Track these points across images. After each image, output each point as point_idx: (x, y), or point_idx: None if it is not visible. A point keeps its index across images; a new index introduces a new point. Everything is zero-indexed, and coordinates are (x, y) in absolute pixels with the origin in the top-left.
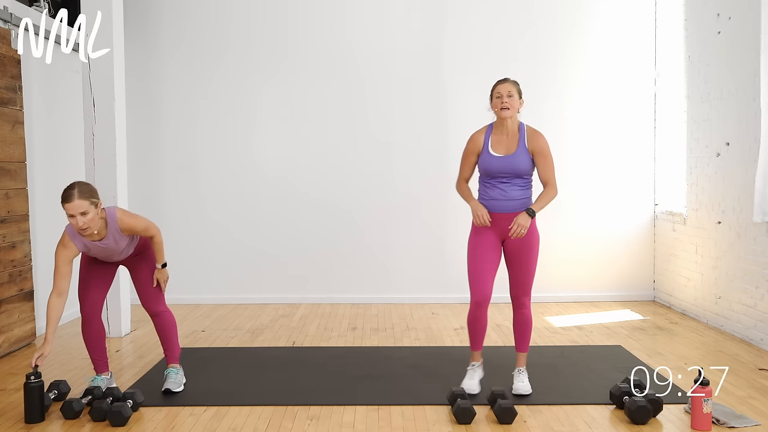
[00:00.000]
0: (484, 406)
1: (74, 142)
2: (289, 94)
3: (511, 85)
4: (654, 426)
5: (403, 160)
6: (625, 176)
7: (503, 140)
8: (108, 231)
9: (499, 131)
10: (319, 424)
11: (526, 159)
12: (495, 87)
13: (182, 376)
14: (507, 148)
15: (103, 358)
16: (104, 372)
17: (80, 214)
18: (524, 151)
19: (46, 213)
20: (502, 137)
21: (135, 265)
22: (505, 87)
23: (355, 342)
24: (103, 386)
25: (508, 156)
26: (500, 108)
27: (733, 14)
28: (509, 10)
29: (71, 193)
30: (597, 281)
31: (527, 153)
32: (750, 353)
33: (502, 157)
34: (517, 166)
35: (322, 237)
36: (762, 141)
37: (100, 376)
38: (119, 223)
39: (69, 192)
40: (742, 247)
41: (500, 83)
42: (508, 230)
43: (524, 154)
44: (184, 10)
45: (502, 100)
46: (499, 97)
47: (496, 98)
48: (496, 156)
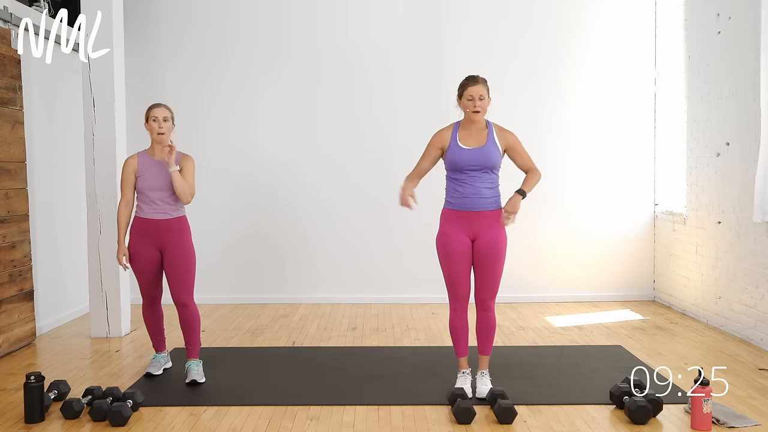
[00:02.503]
0: (484, 406)
1: (74, 142)
2: (290, 94)
3: (482, 87)
4: (654, 426)
5: (404, 160)
6: (625, 176)
7: (472, 135)
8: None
9: (467, 128)
10: (319, 424)
11: (496, 151)
12: (466, 88)
13: (202, 368)
14: (477, 141)
15: (161, 338)
16: (162, 351)
17: (163, 119)
18: (494, 143)
19: (46, 213)
20: (470, 132)
21: (172, 253)
22: (477, 90)
23: (355, 342)
24: (162, 363)
25: (477, 148)
26: (472, 111)
27: (733, 14)
28: (510, 10)
29: (159, 102)
30: (597, 281)
31: (497, 146)
32: (750, 353)
33: (471, 149)
34: (488, 157)
35: (323, 237)
36: (762, 141)
37: (159, 354)
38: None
39: (158, 102)
40: (742, 247)
41: (472, 85)
42: (478, 230)
43: (494, 147)
44: (184, 11)
45: (474, 104)
46: (471, 100)
47: (468, 100)
48: (465, 149)
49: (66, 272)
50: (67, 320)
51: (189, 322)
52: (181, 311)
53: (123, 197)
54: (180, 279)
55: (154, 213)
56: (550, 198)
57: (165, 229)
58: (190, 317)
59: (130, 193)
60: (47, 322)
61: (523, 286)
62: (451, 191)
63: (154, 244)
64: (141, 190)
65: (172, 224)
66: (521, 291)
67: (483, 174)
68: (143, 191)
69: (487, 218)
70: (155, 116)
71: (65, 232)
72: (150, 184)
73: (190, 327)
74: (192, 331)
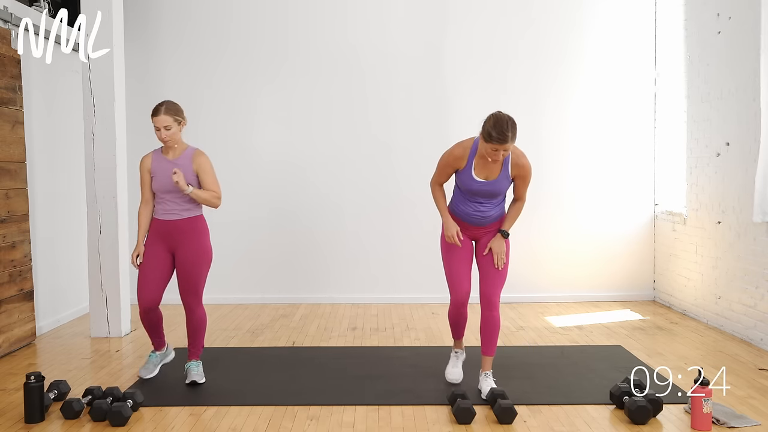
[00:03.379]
0: (484, 406)
1: (74, 142)
2: (290, 95)
3: (509, 145)
4: (654, 426)
5: (404, 160)
6: (625, 176)
7: (488, 165)
8: (184, 153)
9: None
10: (319, 424)
11: (507, 184)
12: (492, 142)
13: (202, 369)
14: (489, 173)
15: (159, 337)
16: (160, 349)
17: (164, 127)
18: (506, 177)
19: (46, 213)
20: (486, 162)
21: (182, 254)
22: (504, 146)
23: (355, 342)
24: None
25: (489, 181)
26: (491, 159)
27: (733, 14)
28: (510, 11)
29: (159, 108)
30: (597, 281)
31: (509, 179)
32: (750, 353)
33: (483, 182)
34: (497, 190)
35: (323, 237)
36: (762, 141)
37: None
38: (195, 151)
39: (158, 107)
40: (742, 247)
41: (499, 143)
42: (481, 235)
43: (506, 180)
44: (184, 10)
45: (496, 156)
46: (495, 151)
47: (492, 151)
48: (477, 180)
49: (66, 272)
50: (67, 320)
51: (194, 324)
52: (190, 315)
53: (142, 197)
54: (187, 281)
55: (165, 213)
56: (550, 198)
57: (177, 230)
58: (197, 320)
59: (148, 192)
60: (47, 322)
61: (523, 286)
62: (458, 204)
63: (167, 245)
64: (154, 191)
65: (184, 225)
66: (521, 291)
67: (491, 200)
68: (156, 192)
69: (490, 229)
70: (156, 126)
71: (65, 232)
72: (160, 185)
73: (194, 329)
74: (196, 333)
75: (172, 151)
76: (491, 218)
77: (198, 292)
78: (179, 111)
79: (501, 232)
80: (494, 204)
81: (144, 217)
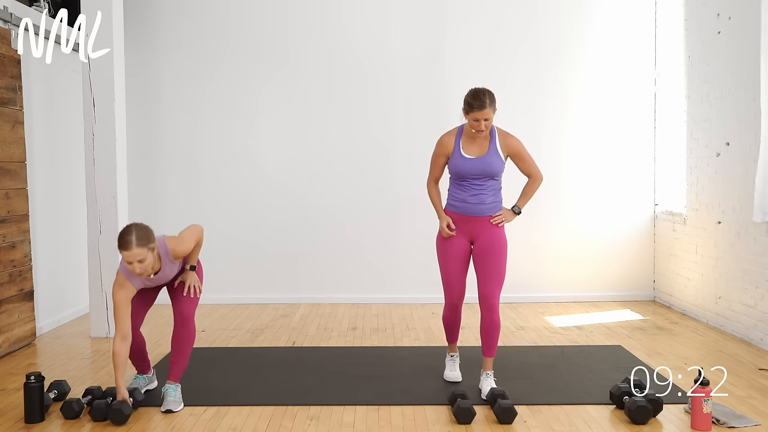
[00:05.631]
0: (484, 406)
1: (74, 142)
2: (290, 94)
3: (489, 111)
4: (654, 426)
5: (404, 160)
6: (625, 176)
7: (475, 142)
8: (162, 263)
9: (470, 135)
10: (319, 424)
11: (498, 160)
12: (472, 110)
13: (180, 394)
14: (479, 149)
15: (145, 362)
16: (147, 372)
17: (138, 261)
18: (496, 152)
19: (46, 213)
20: (473, 140)
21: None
22: (483, 114)
23: (355, 342)
24: (143, 385)
25: (480, 157)
26: (476, 130)
27: (733, 14)
28: (509, 11)
29: (129, 240)
30: (597, 281)
31: (499, 154)
32: (750, 353)
33: (474, 158)
34: (490, 166)
35: (323, 237)
36: (762, 141)
37: (141, 375)
38: (172, 254)
39: (126, 239)
40: (742, 247)
41: (478, 109)
42: (478, 232)
43: (496, 155)
44: (184, 10)
45: (479, 125)
46: (476, 121)
47: (474, 121)
48: (468, 158)
49: (66, 272)
50: (67, 320)
51: (187, 339)
52: (182, 327)
53: (118, 332)
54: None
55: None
56: (550, 198)
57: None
58: (188, 335)
59: (126, 326)
60: (47, 322)
61: (523, 286)
62: (454, 195)
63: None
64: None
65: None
66: (521, 291)
67: (485, 181)
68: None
69: (487, 222)
70: (128, 261)
71: (65, 232)
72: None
73: (184, 345)
74: (184, 350)
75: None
76: (489, 206)
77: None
78: (150, 236)
79: (513, 208)
80: (490, 187)
81: (123, 356)
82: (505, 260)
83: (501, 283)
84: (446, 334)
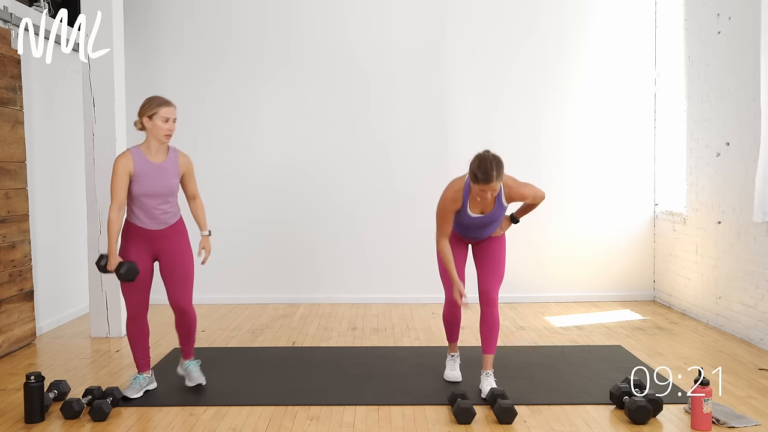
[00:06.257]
0: (484, 406)
1: (74, 142)
2: (290, 94)
3: (496, 183)
4: (654, 426)
5: (404, 160)
6: (625, 176)
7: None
8: (168, 155)
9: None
10: (319, 424)
11: (502, 211)
12: (479, 182)
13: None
14: (484, 207)
15: (145, 357)
16: (146, 371)
17: (173, 120)
18: (501, 206)
19: (46, 213)
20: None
21: (169, 258)
22: (490, 186)
23: (355, 342)
24: (144, 384)
25: (485, 215)
26: (481, 199)
27: (733, 14)
28: (510, 12)
29: (168, 100)
30: (597, 281)
31: (503, 206)
32: (750, 353)
33: (479, 216)
34: (495, 218)
35: (323, 237)
36: (762, 141)
37: (141, 374)
38: (179, 153)
39: (165, 99)
40: (742, 247)
41: (485, 183)
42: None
43: (501, 209)
44: (184, 10)
45: (485, 196)
46: (483, 191)
47: (480, 191)
48: (473, 216)
49: (66, 272)
50: (67, 320)
51: (187, 326)
52: (180, 317)
53: (114, 201)
54: (179, 284)
55: (153, 224)
56: (550, 198)
57: (163, 237)
58: (188, 322)
59: (123, 196)
60: (47, 322)
61: (523, 286)
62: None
63: (149, 251)
64: (136, 196)
65: (169, 231)
66: (521, 291)
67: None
68: (138, 197)
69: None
70: (167, 117)
71: (65, 232)
72: (147, 189)
73: (187, 331)
74: (189, 334)
75: (156, 151)
76: (488, 234)
77: (190, 292)
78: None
79: (511, 217)
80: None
81: (117, 224)
82: (504, 256)
83: (501, 278)
84: (446, 333)
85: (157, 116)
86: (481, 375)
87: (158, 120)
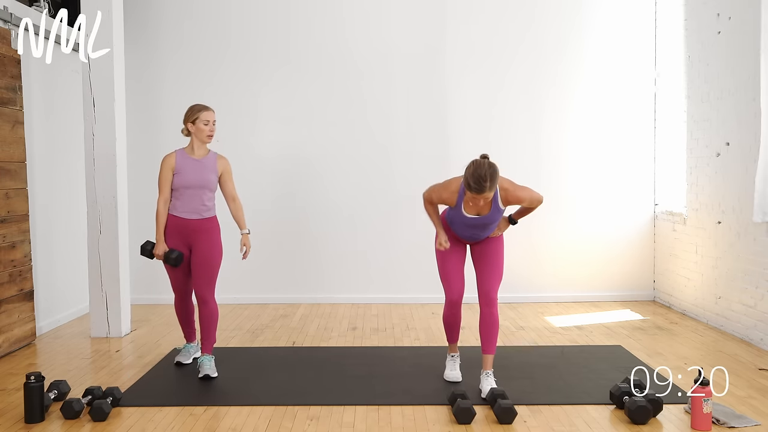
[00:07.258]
0: (484, 406)
1: (74, 142)
2: (290, 94)
3: (488, 194)
4: (654, 426)
5: (404, 160)
6: (625, 176)
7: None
8: (209, 154)
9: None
10: (319, 424)
11: (499, 214)
12: (472, 191)
13: (214, 364)
14: (480, 210)
15: (192, 329)
16: (192, 341)
17: (212, 122)
18: (498, 209)
19: (46, 213)
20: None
21: (200, 251)
22: (483, 196)
23: (355, 342)
24: (192, 352)
25: (481, 216)
26: (473, 204)
27: (733, 14)
28: (509, 11)
29: (208, 106)
30: (597, 281)
31: (500, 209)
32: (750, 353)
33: (474, 217)
34: (491, 221)
35: (323, 237)
36: (762, 141)
37: (190, 344)
38: (218, 155)
39: (206, 105)
40: (742, 247)
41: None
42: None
43: (498, 212)
44: (184, 10)
45: (478, 203)
46: (476, 199)
47: (473, 198)
48: (468, 216)
49: (66, 272)
50: (67, 320)
51: (208, 317)
52: (202, 307)
53: (161, 194)
54: (203, 276)
55: (187, 212)
56: (550, 198)
57: (196, 229)
58: (209, 313)
59: (168, 190)
60: (47, 322)
61: (523, 286)
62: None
63: (184, 241)
64: (176, 187)
65: (203, 224)
66: (521, 291)
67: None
68: (179, 188)
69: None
70: (207, 119)
71: (65, 232)
72: (186, 181)
73: (208, 323)
74: (209, 327)
75: (198, 150)
76: (486, 235)
77: (213, 285)
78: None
79: (509, 218)
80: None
81: (163, 215)
82: (502, 256)
83: (500, 278)
84: (446, 334)
85: (199, 120)
86: (481, 375)
87: (200, 123)
